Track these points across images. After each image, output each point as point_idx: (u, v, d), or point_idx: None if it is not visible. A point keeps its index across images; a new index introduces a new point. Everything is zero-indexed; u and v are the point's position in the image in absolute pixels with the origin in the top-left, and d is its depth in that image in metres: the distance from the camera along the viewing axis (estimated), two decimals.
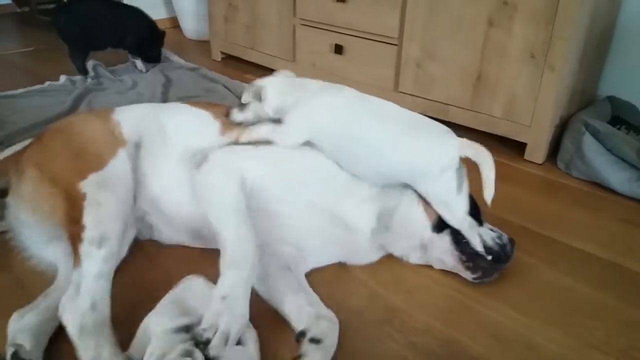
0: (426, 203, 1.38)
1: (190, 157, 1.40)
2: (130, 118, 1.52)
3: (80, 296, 1.12)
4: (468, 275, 1.38)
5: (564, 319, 1.30)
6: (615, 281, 1.45)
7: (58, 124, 1.49)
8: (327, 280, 1.40)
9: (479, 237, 1.34)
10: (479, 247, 1.33)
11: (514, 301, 1.36)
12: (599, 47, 2.26)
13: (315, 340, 1.14)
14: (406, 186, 1.39)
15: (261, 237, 1.36)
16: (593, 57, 2.23)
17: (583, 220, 1.75)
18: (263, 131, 1.40)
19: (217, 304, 1.08)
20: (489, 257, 1.34)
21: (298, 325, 1.20)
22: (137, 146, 1.48)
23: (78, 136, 1.40)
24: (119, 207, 1.29)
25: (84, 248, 1.18)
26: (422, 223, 1.39)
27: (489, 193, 1.32)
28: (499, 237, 1.38)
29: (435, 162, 1.31)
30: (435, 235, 1.38)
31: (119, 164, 1.38)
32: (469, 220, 1.34)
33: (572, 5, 1.86)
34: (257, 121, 1.46)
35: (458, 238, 1.36)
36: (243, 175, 1.30)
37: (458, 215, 1.34)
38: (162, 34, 3.14)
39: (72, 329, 1.09)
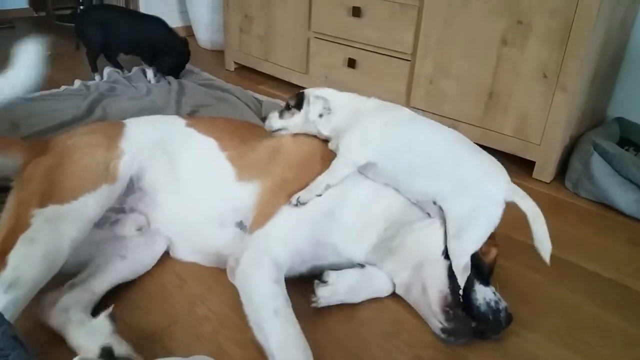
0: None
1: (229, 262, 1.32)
2: (139, 144, 1.47)
3: None
4: (438, 321, 1.25)
5: (570, 336, 1.32)
6: (620, 301, 1.47)
7: (70, 140, 1.42)
8: None
9: (475, 293, 1.24)
10: (461, 283, 1.23)
11: (521, 317, 1.36)
12: (610, 69, 2.28)
13: None
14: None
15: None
16: (604, 79, 2.25)
17: (590, 240, 1.77)
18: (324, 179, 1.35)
19: None
20: (473, 322, 1.24)
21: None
22: (138, 176, 1.46)
23: (71, 164, 1.34)
24: (57, 248, 1.17)
25: None
26: (438, 242, 1.29)
27: (546, 248, 1.26)
28: (496, 302, 1.24)
29: (487, 185, 1.30)
30: (440, 257, 1.28)
31: (93, 200, 1.30)
32: (467, 261, 1.24)
33: (585, 27, 1.88)
34: (296, 129, 1.49)
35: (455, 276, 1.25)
36: (278, 261, 1.25)
37: (465, 248, 1.25)
38: (184, 49, 3.13)
39: None
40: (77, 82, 2.93)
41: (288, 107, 1.51)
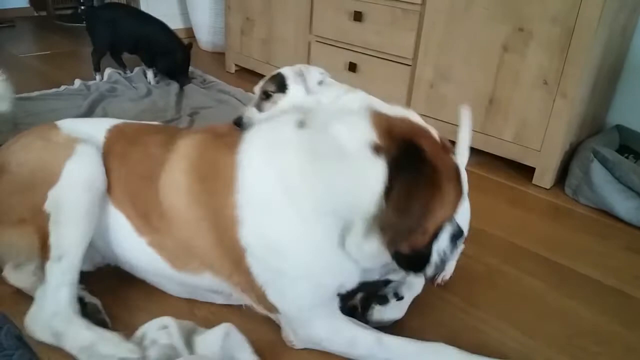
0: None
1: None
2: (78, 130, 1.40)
3: (43, 311, 1.18)
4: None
5: (568, 342, 1.32)
6: (619, 308, 1.47)
7: None
8: None
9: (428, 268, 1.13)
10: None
11: (519, 322, 1.37)
12: (610, 76, 2.29)
13: None
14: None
15: None
16: (604, 86, 2.26)
17: (589, 246, 1.77)
18: None
19: None
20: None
21: None
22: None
23: (21, 168, 1.28)
24: (79, 218, 1.23)
25: (48, 266, 1.21)
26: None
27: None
28: (444, 251, 1.11)
29: None
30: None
31: (77, 161, 1.27)
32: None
33: (586, 35, 1.89)
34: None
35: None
36: (330, 293, 1.20)
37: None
38: (184, 54, 3.10)
39: (48, 340, 1.17)
40: (78, 82, 2.93)
41: (267, 96, 1.44)
